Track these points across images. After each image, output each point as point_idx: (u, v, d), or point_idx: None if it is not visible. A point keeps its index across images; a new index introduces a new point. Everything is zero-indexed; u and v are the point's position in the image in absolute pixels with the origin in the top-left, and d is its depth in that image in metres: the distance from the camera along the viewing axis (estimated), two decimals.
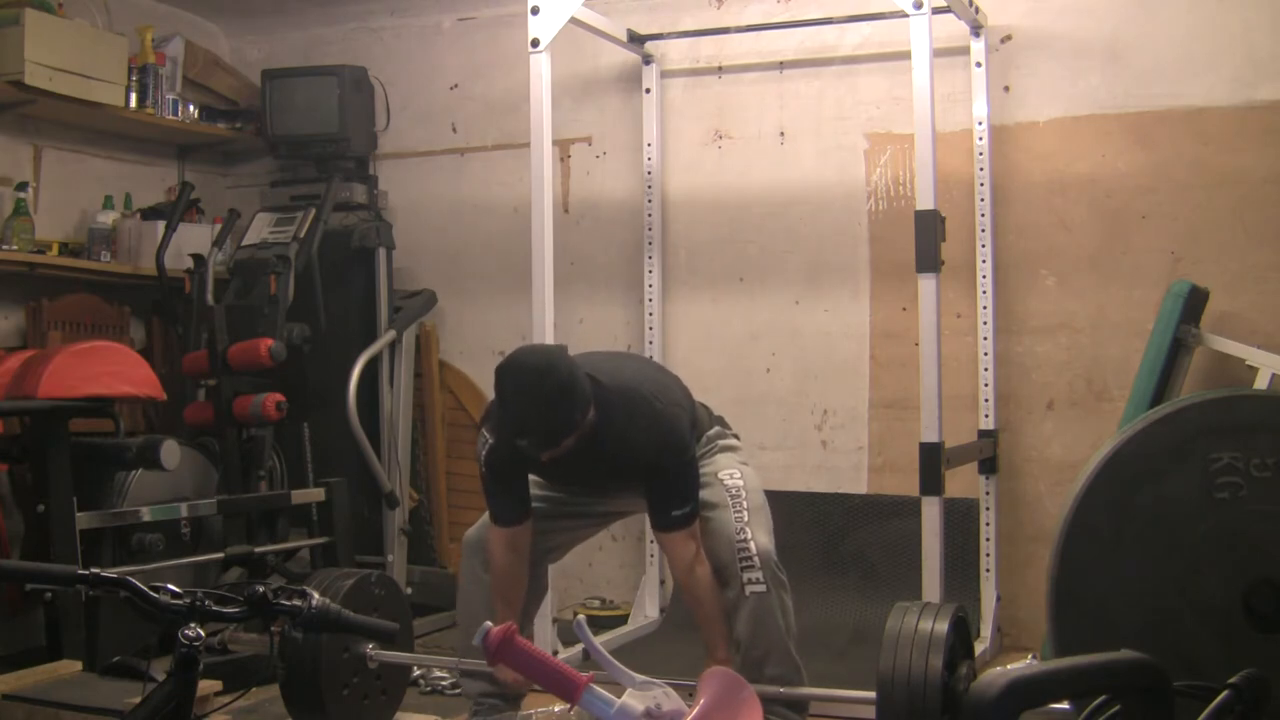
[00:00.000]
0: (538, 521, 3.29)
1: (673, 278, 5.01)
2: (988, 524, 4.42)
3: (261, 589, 1.96)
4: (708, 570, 3.12)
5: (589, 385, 3.01)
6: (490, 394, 4.17)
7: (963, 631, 2.91)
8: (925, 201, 3.70)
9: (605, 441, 3.07)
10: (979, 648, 4.05)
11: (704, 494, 3.18)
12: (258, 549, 4.33)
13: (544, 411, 2.92)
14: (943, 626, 2.79)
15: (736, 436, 3.46)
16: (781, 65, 4.88)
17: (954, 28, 4.38)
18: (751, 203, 4.90)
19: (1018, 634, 4.42)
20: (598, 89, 5.17)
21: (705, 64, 4.99)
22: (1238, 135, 4.23)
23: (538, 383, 2.92)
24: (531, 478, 3.31)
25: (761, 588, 3.09)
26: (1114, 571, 3.07)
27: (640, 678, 2.91)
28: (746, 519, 3.15)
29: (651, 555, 4.87)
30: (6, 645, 4.10)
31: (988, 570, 4.39)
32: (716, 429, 3.40)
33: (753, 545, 3.11)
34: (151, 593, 1.90)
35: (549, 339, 3.94)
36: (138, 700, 1.90)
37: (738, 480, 3.23)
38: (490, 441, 3.16)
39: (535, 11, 3.98)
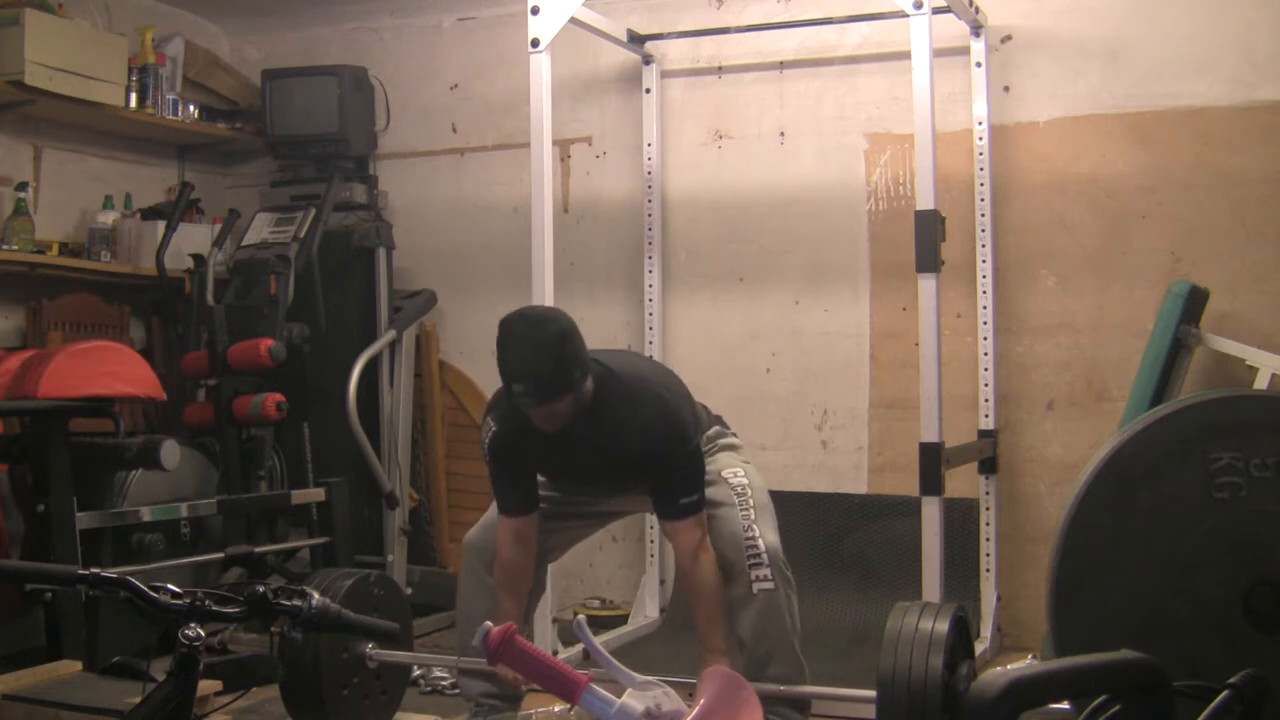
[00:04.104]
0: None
1: (673, 278, 5.01)
2: (988, 524, 4.42)
3: (261, 589, 1.96)
4: (712, 558, 3.12)
5: (589, 357, 3.04)
6: (489, 393, 4.17)
7: (963, 631, 2.91)
8: (925, 201, 3.70)
9: (612, 429, 3.09)
10: (979, 648, 4.05)
11: (709, 492, 3.18)
12: (258, 549, 4.33)
13: (543, 355, 2.93)
14: (943, 626, 2.79)
15: (735, 436, 3.47)
16: (781, 65, 4.88)
17: (954, 28, 4.38)
18: (751, 203, 4.90)
19: (1018, 634, 4.42)
20: (598, 89, 5.17)
21: (705, 64, 4.99)
22: (1238, 135, 4.23)
23: (539, 326, 2.98)
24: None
25: (770, 585, 3.10)
26: (1114, 571, 3.07)
27: (640, 678, 2.91)
28: (753, 517, 3.16)
29: (651, 555, 4.87)
30: (6, 645, 4.10)
31: (988, 570, 4.39)
32: (716, 428, 3.42)
33: (761, 543, 3.12)
34: (151, 593, 1.90)
35: None
36: (138, 700, 1.90)
37: (742, 478, 3.24)
38: (494, 429, 3.18)
39: (535, 11, 3.98)
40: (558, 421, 3.01)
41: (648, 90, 4.97)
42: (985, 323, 4.45)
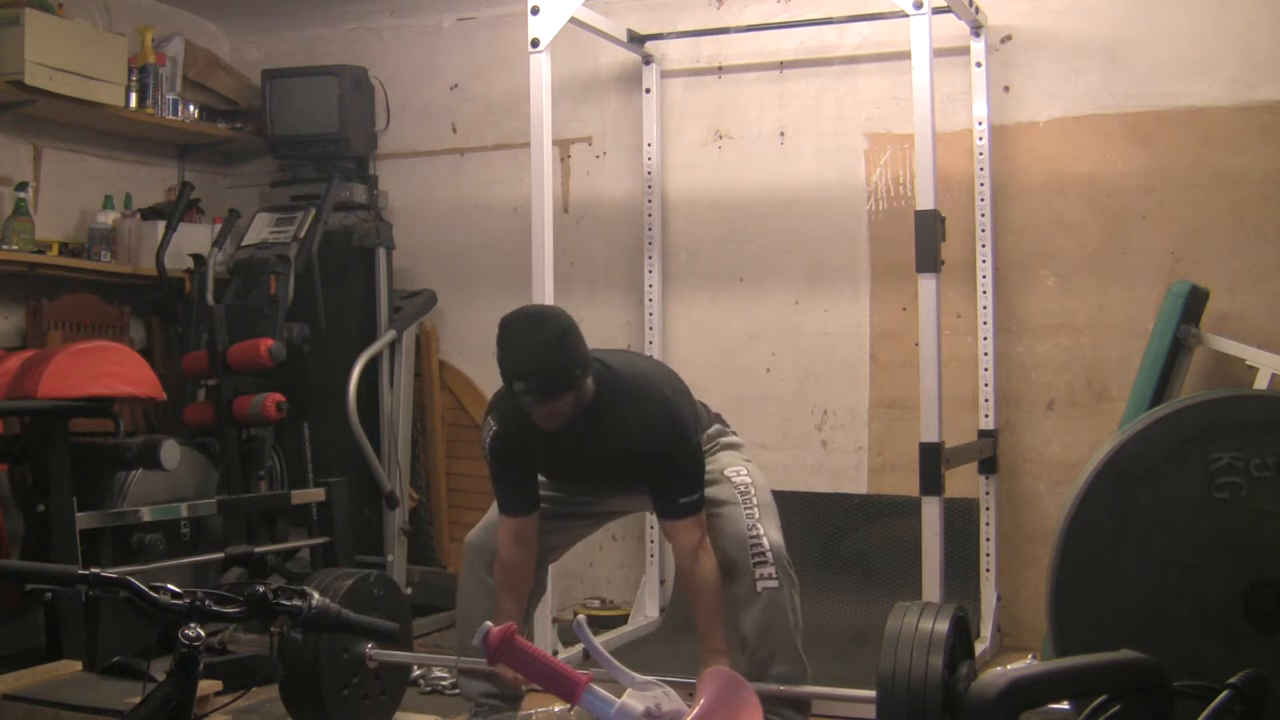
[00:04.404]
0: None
1: (673, 278, 5.01)
2: (988, 524, 4.42)
3: (261, 589, 1.96)
4: (712, 558, 3.12)
5: (589, 355, 3.04)
6: (489, 393, 4.17)
7: (963, 631, 2.91)
8: (925, 201, 3.70)
9: (613, 427, 3.09)
10: (979, 648, 4.05)
11: (712, 491, 3.19)
12: (258, 549, 4.33)
13: (544, 354, 2.94)
14: (943, 626, 2.79)
15: (735, 434, 3.48)
16: (781, 65, 4.88)
17: (954, 28, 4.38)
18: (751, 203, 4.90)
19: (1018, 634, 4.42)
20: (598, 89, 5.17)
21: (705, 64, 4.99)
22: (1238, 135, 4.23)
23: (539, 325, 2.99)
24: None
25: (774, 583, 3.10)
26: (1114, 571, 3.07)
27: (640, 678, 2.91)
28: (758, 515, 3.17)
29: (651, 555, 4.87)
30: (6, 645, 4.10)
31: (988, 570, 4.39)
32: (716, 427, 3.42)
33: (765, 541, 3.12)
34: (151, 593, 1.90)
35: None
36: (138, 700, 1.90)
37: (745, 477, 3.25)
38: (495, 429, 3.19)
39: (535, 11, 3.98)
40: (559, 420, 3.01)
41: (648, 90, 4.97)
42: (985, 323, 4.45)
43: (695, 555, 3.10)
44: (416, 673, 3.97)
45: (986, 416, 4.45)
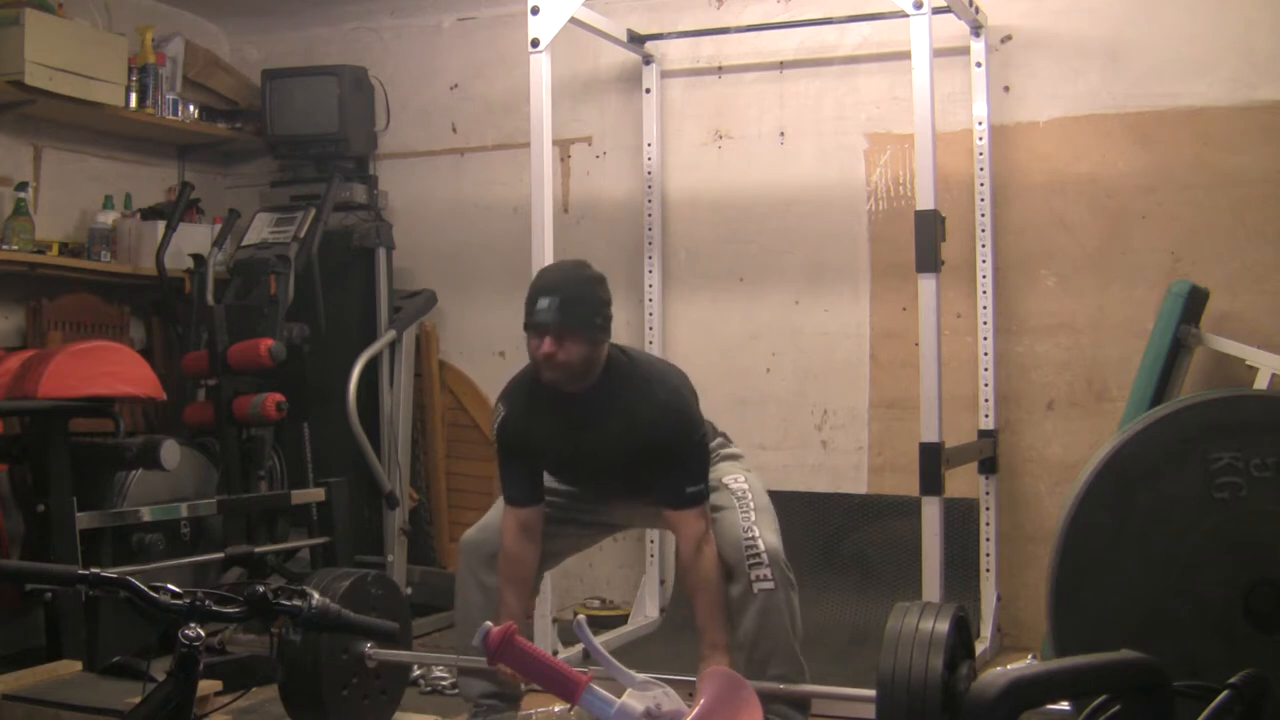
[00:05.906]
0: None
1: (673, 278, 5.01)
2: (988, 524, 4.42)
3: (261, 589, 1.96)
4: (714, 550, 3.13)
5: (611, 324, 3.13)
6: (489, 393, 4.16)
7: (963, 631, 2.91)
8: (925, 201, 3.70)
9: (624, 410, 3.13)
10: (979, 648, 4.05)
11: (711, 498, 3.20)
12: (258, 549, 4.33)
13: (574, 283, 3.09)
14: (943, 626, 2.79)
15: (737, 448, 3.51)
16: (781, 65, 4.88)
17: (954, 28, 4.38)
18: (751, 203, 4.90)
19: (1018, 634, 4.42)
20: (598, 89, 5.17)
21: (705, 64, 4.99)
22: (1238, 135, 4.23)
23: (578, 265, 3.18)
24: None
25: (770, 585, 3.11)
26: (1114, 571, 3.07)
27: (640, 677, 2.91)
28: (754, 518, 3.18)
29: (651, 555, 4.87)
30: (6, 645, 4.10)
31: (988, 570, 4.39)
32: (719, 440, 3.45)
33: (761, 543, 3.13)
34: (151, 593, 1.90)
35: None
36: (138, 700, 1.90)
37: (742, 484, 3.28)
38: (504, 413, 3.23)
39: (535, 11, 3.98)
40: (561, 371, 3.05)
41: (648, 90, 4.97)
42: (985, 323, 4.45)
43: (699, 547, 3.12)
44: (416, 673, 3.97)
45: (986, 416, 4.45)
